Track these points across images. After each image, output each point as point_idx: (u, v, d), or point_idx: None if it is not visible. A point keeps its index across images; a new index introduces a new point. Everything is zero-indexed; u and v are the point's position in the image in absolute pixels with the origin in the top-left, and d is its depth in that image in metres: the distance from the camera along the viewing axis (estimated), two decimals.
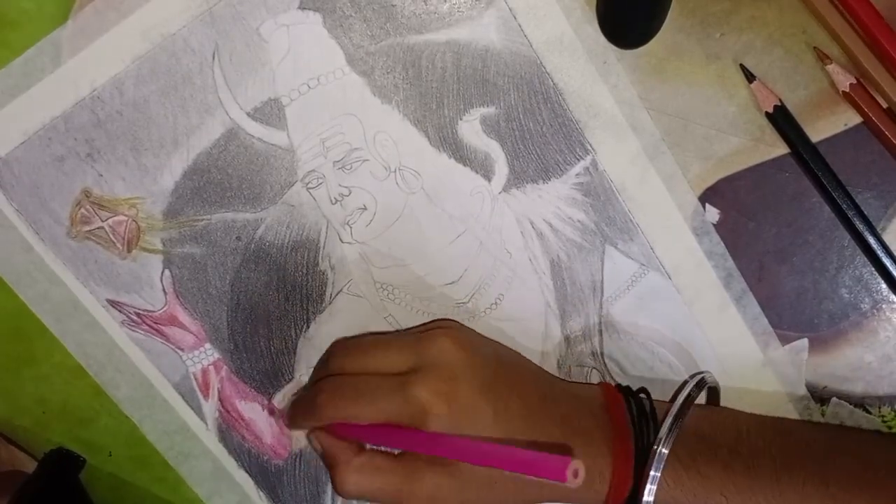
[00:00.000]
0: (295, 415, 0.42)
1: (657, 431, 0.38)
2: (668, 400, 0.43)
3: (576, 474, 0.30)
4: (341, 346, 0.42)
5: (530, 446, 0.36)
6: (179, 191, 0.42)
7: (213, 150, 0.41)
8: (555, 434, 0.38)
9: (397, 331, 0.44)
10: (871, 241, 0.40)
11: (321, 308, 0.43)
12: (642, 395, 0.40)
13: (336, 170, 0.42)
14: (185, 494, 0.46)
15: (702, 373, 0.42)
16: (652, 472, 0.36)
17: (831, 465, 0.37)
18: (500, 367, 0.40)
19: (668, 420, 0.37)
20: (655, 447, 0.37)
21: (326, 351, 0.43)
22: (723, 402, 0.43)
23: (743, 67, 0.40)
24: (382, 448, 0.39)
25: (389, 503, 0.39)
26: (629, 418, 0.39)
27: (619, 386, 0.42)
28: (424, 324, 0.43)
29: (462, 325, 0.43)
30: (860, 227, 0.40)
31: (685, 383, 0.41)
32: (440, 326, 0.41)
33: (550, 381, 0.42)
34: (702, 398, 0.42)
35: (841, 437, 0.39)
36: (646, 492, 0.36)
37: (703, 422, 0.39)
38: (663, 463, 0.37)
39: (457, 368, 0.38)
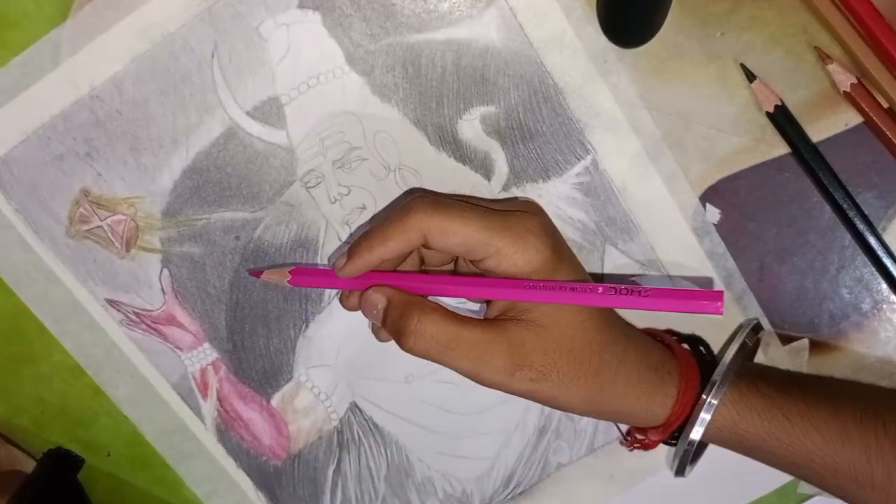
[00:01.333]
0: (371, 242, 0.36)
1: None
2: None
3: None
4: (424, 204, 0.36)
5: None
6: (178, 190, 0.42)
7: (212, 149, 0.41)
8: (639, 335, 0.39)
9: (481, 199, 0.40)
10: (872, 241, 0.40)
11: (320, 308, 0.43)
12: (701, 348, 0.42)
13: (335, 169, 0.41)
14: (183, 494, 0.46)
15: (753, 319, 0.42)
16: (702, 415, 0.37)
17: (883, 405, 0.37)
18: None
19: (723, 367, 0.37)
20: (706, 396, 0.37)
21: (405, 204, 0.36)
22: None
23: (743, 67, 0.40)
24: None
25: (461, 361, 0.35)
26: (691, 352, 0.40)
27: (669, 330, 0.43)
28: (505, 199, 0.41)
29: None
30: (861, 227, 0.40)
31: (739, 329, 0.41)
32: (526, 209, 0.38)
33: None
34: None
35: (884, 388, 0.41)
36: (698, 420, 0.37)
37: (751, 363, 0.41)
38: (717, 402, 0.36)
39: (555, 235, 0.37)
